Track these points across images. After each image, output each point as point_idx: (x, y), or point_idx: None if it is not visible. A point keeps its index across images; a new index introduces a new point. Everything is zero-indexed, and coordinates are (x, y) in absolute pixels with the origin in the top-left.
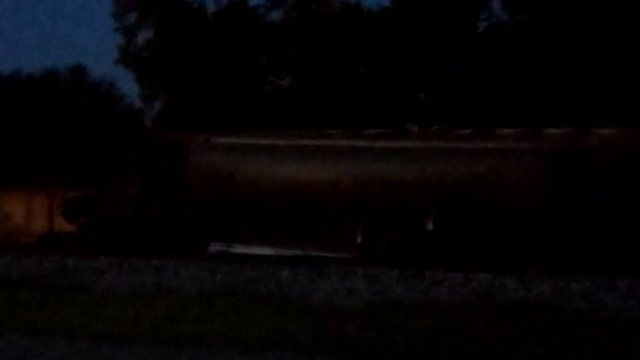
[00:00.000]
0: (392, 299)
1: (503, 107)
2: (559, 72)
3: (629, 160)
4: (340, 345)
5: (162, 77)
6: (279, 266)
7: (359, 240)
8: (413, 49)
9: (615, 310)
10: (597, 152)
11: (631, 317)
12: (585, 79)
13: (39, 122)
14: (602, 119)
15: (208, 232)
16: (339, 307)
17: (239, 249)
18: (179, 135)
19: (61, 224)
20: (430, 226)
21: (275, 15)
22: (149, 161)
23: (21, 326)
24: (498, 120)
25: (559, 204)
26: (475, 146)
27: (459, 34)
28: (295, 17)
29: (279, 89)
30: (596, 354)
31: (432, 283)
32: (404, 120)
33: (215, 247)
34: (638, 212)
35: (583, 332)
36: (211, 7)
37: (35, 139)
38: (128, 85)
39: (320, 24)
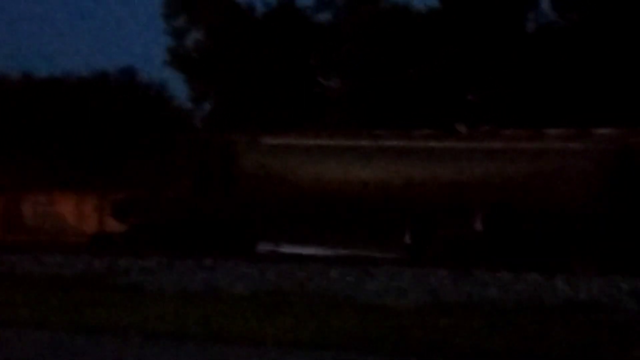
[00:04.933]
0: (441, 299)
1: (552, 108)
2: (609, 72)
3: None
4: (391, 345)
5: (212, 79)
6: (328, 266)
7: (407, 240)
8: (461, 50)
9: None
10: None
11: None
12: (635, 79)
13: (89, 123)
14: None
15: (257, 232)
16: (388, 306)
17: (287, 249)
18: (228, 136)
19: (112, 225)
20: (479, 226)
21: (324, 16)
22: (199, 162)
23: (73, 325)
24: (547, 120)
25: (609, 204)
26: (523, 147)
27: (508, 34)
28: (344, 18)
29: (328, 90)
30: None
31: (481, 283)
32: (453, 121)
33: (264, 246)
34: None
35: (633, 331)
36: (260, 9)
37: (86, 140)
38: (178, 87)
39: (369, 25)
